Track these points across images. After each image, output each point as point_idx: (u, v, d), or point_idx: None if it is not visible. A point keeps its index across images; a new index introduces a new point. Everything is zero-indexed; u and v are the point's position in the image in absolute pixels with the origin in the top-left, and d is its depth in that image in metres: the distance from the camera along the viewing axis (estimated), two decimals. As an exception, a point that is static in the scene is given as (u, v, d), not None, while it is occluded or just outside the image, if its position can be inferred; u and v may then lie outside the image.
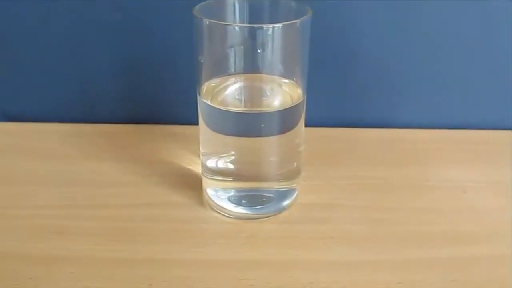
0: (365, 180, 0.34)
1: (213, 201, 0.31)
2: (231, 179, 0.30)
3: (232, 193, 0.31)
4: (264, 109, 0.28)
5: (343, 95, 0.40)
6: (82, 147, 0.36)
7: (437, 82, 0.38)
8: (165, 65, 0.38)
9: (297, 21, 0.26)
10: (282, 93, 0.29)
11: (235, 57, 0.27)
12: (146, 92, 0.39)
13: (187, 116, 0.35)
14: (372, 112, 0.40)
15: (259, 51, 0.26)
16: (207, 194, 0.31)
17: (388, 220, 0.30)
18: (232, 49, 0.27)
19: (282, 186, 0.31)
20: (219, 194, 0.31)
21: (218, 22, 0.26)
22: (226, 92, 0.29)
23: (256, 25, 0.26)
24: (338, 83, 0.39)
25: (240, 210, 0.30)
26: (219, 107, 0.28)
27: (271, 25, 0.25)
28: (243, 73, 0.28)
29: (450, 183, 0.33)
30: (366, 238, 0.29)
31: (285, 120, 0.28)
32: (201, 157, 0.31)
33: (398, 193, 0.33)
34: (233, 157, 0.29)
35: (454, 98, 0.38)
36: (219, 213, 0.30)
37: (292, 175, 0.31)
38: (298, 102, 0.29)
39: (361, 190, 0.33)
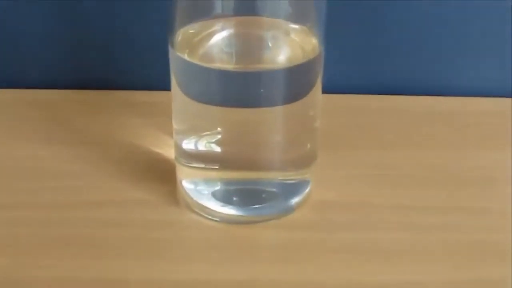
0: (405, 170, 0.34)
1: (191, 198, 0.30)
2: (216, 167, 0.30)
3: (218, 187, 0.30)
4: (265, 66, 0.28)
5: (376, 49, 0.39)
6: (6, 122, 0.36)
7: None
8: (121, 6, 0.38)
9: None
10: (289, 43, 0.29)
11: (223, -9, 0.28)
12: (95, 44, 0.39)
13: (154, 78, 0.35)
14: (415, 74, 0.40)
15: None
16: (184, 188, 0.31)
17: (437, 226, 0.30)
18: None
19: (290, 177, 0.31)
20: (200, 189, 0.30)
21: None
22: (210, 42, 0.28)
23: None
24: (369, 32, 0.39)
25: (230, 211, 0.30)
26: (200, 64, 0.28)
27: None
28: (235, 15, 0.28)
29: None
30: (407, 251, 0.29)
31: (294, 84, 0.28)
32: (174, 136, 0.31)
33: (452, 188, 0.33)
34: (219, 136, 0.29)
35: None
36: (200, 215, 0.30)
37: (303, 162, 0.31)
38: (313, 57, 0.28)
39: (400, 183, 0.33)
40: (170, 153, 0.33)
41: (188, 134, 0.30)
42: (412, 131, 0.37)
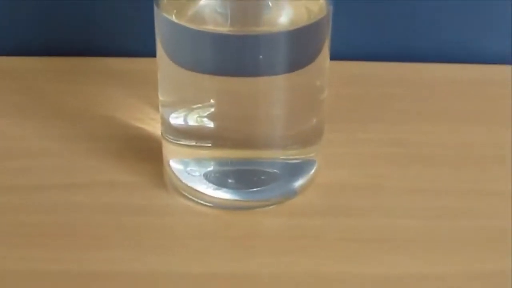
0: (424, 147, 0.34)
1: (180, 180, 0.30)
2: (209, 145, 0.30)
3: (211, 168, 0.30)
4: (264, 29, 0.28)
5: (392, 10, 0.39)
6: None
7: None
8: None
9: None
10: (293, 2, 0.28)
11: None
12: (70, 5, 0.39)
13: (137, 42, 0.36)
14: (435, 38, 0.40)
15: None
16: (171, 169, 0.31)
17: (460, 211, 0.30)
18: None
19: (293, 156, 0.30)
20: (190, 170, 0.30)
21: None
22: (202, 1, 0.28)
23: None
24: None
25: (225, 195, 0.30)
26: (190, 27, 0.27)
27: None
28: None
29: None
30: (425, 240, 0.28)
31: (298, 49, 0.28)
32: (160, 109, 0.31)
33: (476, 168, 0.32)
34: (212, 109, 0.29)
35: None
36: (190, 199, 0.30)
37: (308, 139, 0.31)
38: (320, 18, 0.28)
39: (418, 162, 0.33)
40: (155, 128, 0.33)
41: (177, 107, 0.30)
42: (430, 102, 0.37)
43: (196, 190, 0.30)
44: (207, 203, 0.30)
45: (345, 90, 0.36)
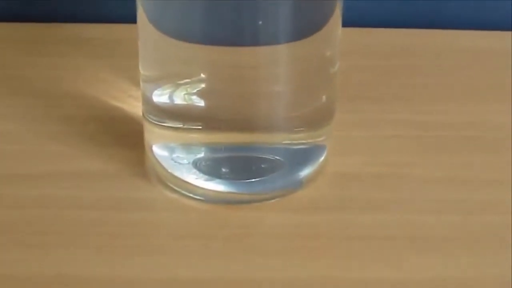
0: (453, 130, 0.34)
1: (165, 169, 0.30)
2: (199, 127, 0.29)
3: (201, 155, 0.30)
4: None
5: None
6: None
7: None
8: None
9: None
10: None
11: None
12: None
13: (113, 6, 0.37)
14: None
15: None
16: (154, 156, 0.30)
17: (494, 206, 0.30)
18: None
19: (298, 141, 0.30)
20: (177, 157, 0.30)
21: None
22: None
23: None
24: None
25: (218, 186, 0.29)
26: None
27: None
28: None
29: None
30: (457, 239, 0.28)
31: (304, 13, 0.28)
32: (142, 85, 0.30)
33: None
34: (203, 85, 0.29)
35: None
36: (176, 192, 0.30)
37: (316, 121, 0.30)
38: None
39: (446, 148, 0.32)
40: (136, 108, 0.33)
41: (161, 82, 0.29)
42: (461, 77, 0.37)
43: (183, 181, 0.30)
44: (196, 197, 0.29)
45: (360, 62, 0.36)
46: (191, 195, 0.29)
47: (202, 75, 0.29)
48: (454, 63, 0.38)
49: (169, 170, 0.30)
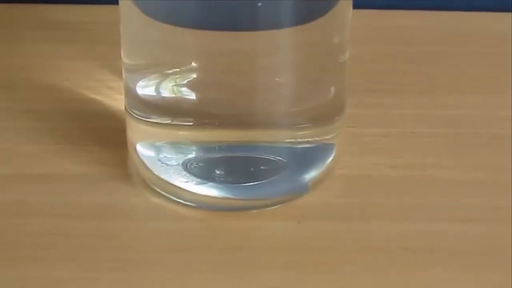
0: (480, 127, 0.34)
1: (150, 171, 0.30)
2: (190, 123, 0.29)
3: (192, 155, 0.29)
4: None
5: None
6: None
7: None
8: None
9: None
10: None
11: None
12: None
13: None
14: None
15: None
16: (138, 156, 0.30)
17: None
18: None
19: (304, 139, 0.30)
20: (164, 157, 0.30)
21: None
22: None
23: None
24: None
25: (211, 191, 0.29)
26: None
27: None
28: None
29: None
30: (488, 252, 0.28)
31: None
32: (124, 75, 0.30)
33: None
34: (194, 76, 0.28)
35: None
36: (164, 197, 0.29)
37: (324, 116, 0.30)
38: None
39: (472, 146, 0.32)
40: (117, 101, 0.33)
41: (147, 72, 0.29)
42: (489, 65, 0.37)
43: (172, 185, 0.29)
44: (187, 203, 0.29)
45: (373, 49, 0.36)
46: (180, 201, 0.29)
47: (193, 64, 0.28)
48: (483, 49, 0.38)
49: (155, 173, 0.29)
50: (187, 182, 0.29)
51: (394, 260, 0.27)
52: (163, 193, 0.29)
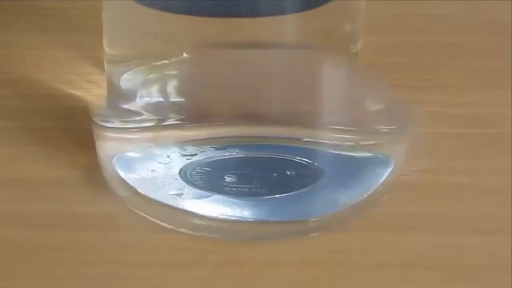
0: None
1: (132, 188, 0.28)
2: (183, 122, 0.28)
3: (193, 158, 0.28)
4: None
5: None
6: None
7: None
8: None
9: None
10: None
11: None
12: None
13: None
14: None
15: None
16: (116, 170, 0.29)
17: None
18: None
19: (347, 145, 0.29)
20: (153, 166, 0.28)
21: None
22: None
23: None
24: None
25: (219, 208, 0.27)
26: None
27: None
28: None
29: None
30: None
31: None
32: (106, 67, 0.30)
33: None
34: (186, 68, 0.29)
35: None
36: (151, 223, 0.28)
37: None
38: None
39: (505, 147, 0.32)
40: (97, 97, 0.33)
41: (132, 64, 0.29)
42: None
43: (164, 205, 0.28)
44: (182, 230, 0.27)
45: (390, 38, 0.37)
46: (171, 227, 0.27)
47: (185, 55, 0.28)
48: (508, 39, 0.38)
49: (141, 192, 0.28)
50: (184, 199, 0.27)
51: (420, 278, 0.27)
52: (151, 217, 0.28)
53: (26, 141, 0.32)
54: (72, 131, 0.32)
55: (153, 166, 0.28)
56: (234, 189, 0.27)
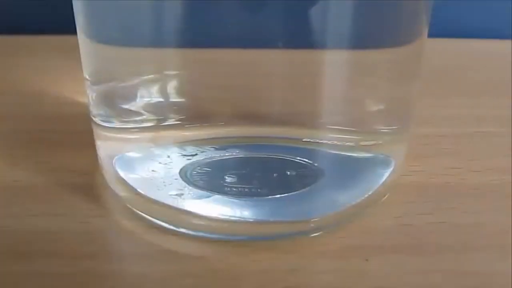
0: None
1: (132, 188, 0.28)
2: (187, 123, 0.28)
3: (193, 158, 0.28)
4: None
5: None
6: None
7: None
8: None
9: None
10: None
11: None
12: None
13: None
14: None
15: None
16: (116, 166, 0.29)
17: None
18: None
19: (347, 145, 0.29)
20: (152, 167, 0.28)
21: None
22: None
23: None
24: None
25: (220, 208, 0.27)
26: None
27: None
28: None
29: None
30: None
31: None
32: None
33: None
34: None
35: None
36: (151, 225, 0.28)
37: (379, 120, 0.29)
38: None
39: None
40: (79, 93, 0.35)
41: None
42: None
43: (163, 206, 0.27)
44: (183, 231, 0.27)
45: None
46: (172, 227, 0.27)
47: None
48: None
49: (142, 192, 0.28)
50: (181, 195, 0.27)
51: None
52: (151, 218, 0.28)
53: (13, 145, 0.32)
54: (64, 133, 0.33)
55: (153, 166, 0.28)
56: (234, 189, 0.27)
